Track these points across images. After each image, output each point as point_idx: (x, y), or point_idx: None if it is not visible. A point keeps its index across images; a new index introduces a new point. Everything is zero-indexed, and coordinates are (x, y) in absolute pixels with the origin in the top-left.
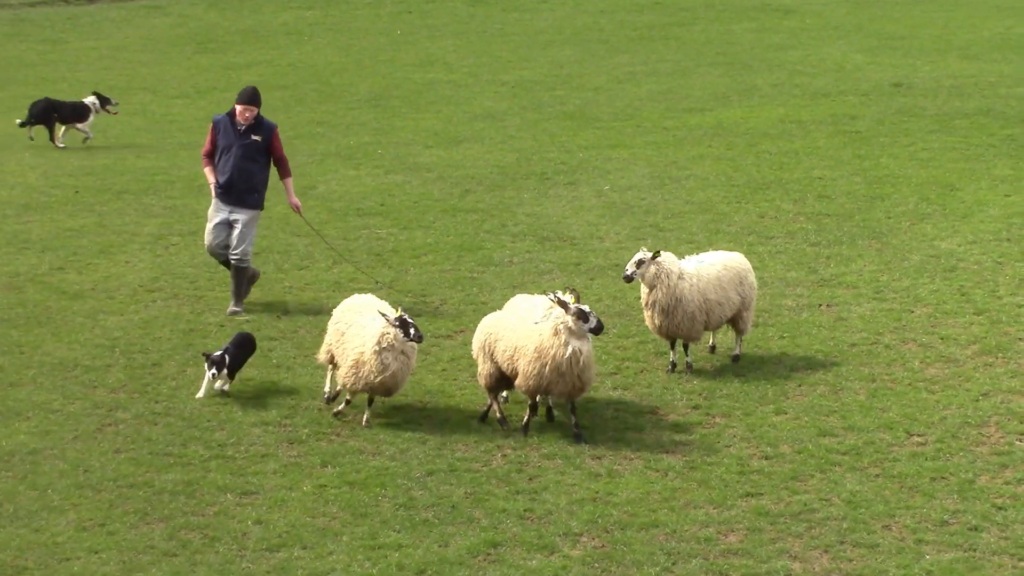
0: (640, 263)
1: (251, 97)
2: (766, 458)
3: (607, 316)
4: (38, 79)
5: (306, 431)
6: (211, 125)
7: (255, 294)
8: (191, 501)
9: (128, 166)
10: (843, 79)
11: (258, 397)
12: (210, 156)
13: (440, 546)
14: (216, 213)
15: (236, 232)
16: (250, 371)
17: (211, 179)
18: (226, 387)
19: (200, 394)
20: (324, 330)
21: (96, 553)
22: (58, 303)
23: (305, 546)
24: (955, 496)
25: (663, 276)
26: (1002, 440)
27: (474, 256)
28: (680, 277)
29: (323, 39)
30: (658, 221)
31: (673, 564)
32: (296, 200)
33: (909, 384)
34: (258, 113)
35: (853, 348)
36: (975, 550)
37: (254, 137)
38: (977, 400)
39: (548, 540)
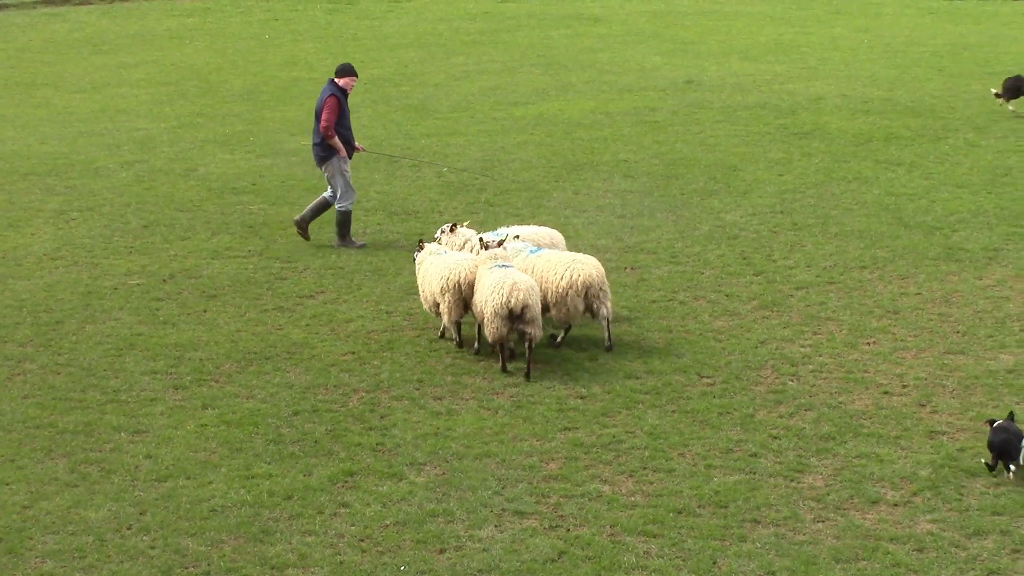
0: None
1: (347, 68)
2: (581, 398)
3: None
4: None
5: (189, 378)
6: (335, 102)
7: (143, 261)
8: (90, 439)
9: (33, 151)
10: (644, 77)
11: (147, 349)
12: (333, 128)
13: (305, 475)
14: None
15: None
16: (141, 327)
17: (340, 146)
18: None
19: None
20: (206, 292)
21: (7, 485)
22: None
23: (189, 476)
24: (738, 428)
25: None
26: (777, 381)
27: (332, 228)
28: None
29: (202, 42)
30: (489, 198)
31: (503, 488)
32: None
33: (700, 334)
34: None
35: (653, 304)
36: (755, 473)
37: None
38: (756, 347)
39: (397, 469)
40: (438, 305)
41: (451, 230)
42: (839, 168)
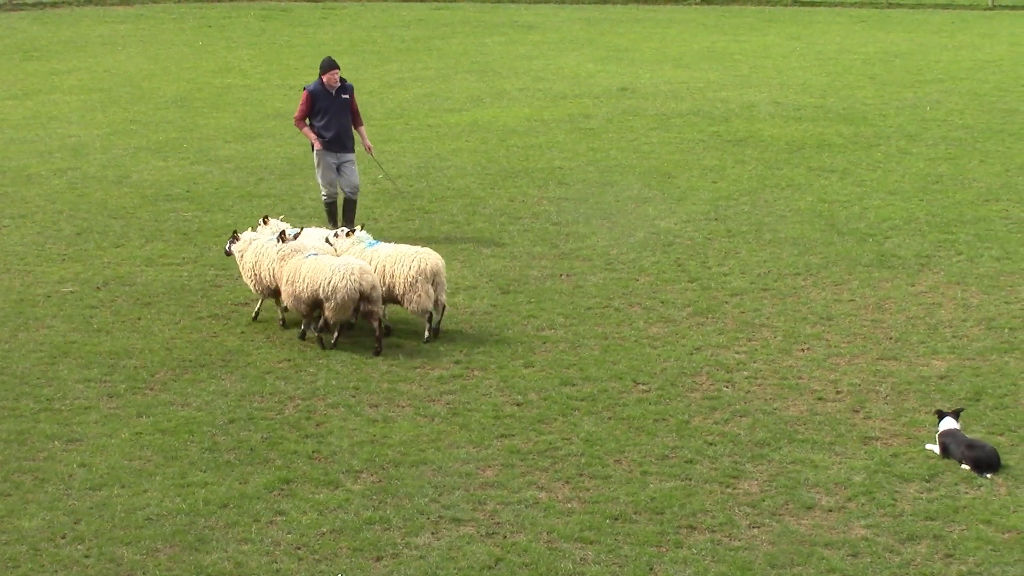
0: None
1: (335, 63)
2: (517, 404)
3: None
4: None
5: (123, 386)
6: (306, 95)
7: (76, 268)
8: (23, 448)
9: None
10: (578, 84)
11: (81, 357)
12: (302, 120)
13: (240, 483)
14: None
15: (348, 172)
16: (74, 335)
17: (312, 137)
18: None
19: None
20: (140, 300)
21: None
22: None
23: (124, 485)
24: (674, 434)
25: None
26: (712, 387)
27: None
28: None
29: (134, 49)
30: (424, 204)
31: (439, 495)
32: (368, 143)
33: (635, 341)
34: (340, 76)
35: (589, 311)
36: (691, 479)
37: (343, 96)
38: (691, 354)
39: (333, 476)
40: (271, 288)
41: (264, 222)
42: (772, 175)
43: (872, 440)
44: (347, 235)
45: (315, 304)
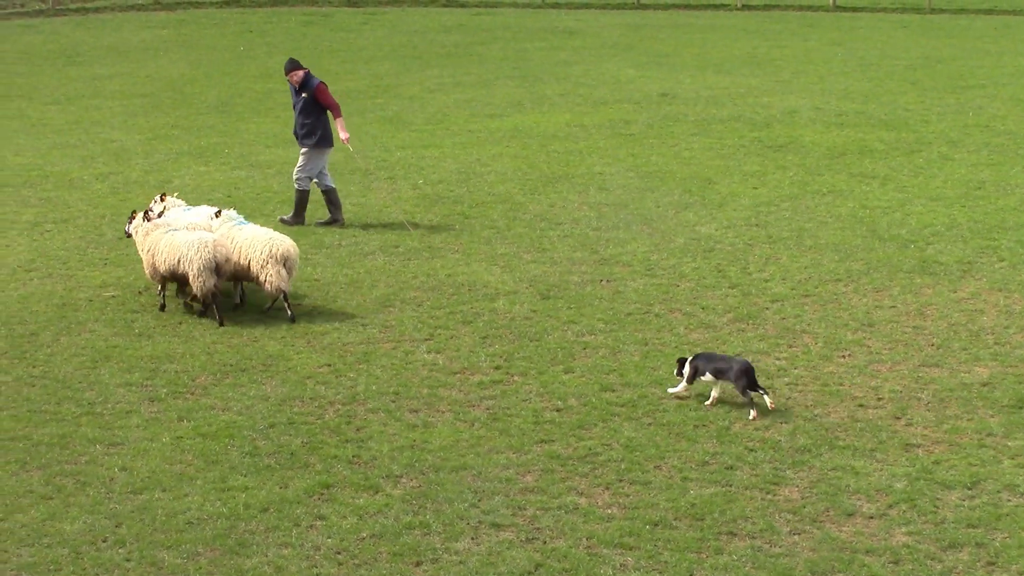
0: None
1: (286, 66)
2: (557, 410)
3: (421, 291)
4: None
5: (165, 391)
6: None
7: (118, 272)
8: (65, 452)
9: (7, 163)
10: (619, 90)
11: (122, 361)
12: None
13: (281, 487)
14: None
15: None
16: (116, 339)
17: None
18: None
19: None
20: (181, 304)
21: None
22: None
23: (164, 489)
24: (714, 440)
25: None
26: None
27: (308, 240)
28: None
29: (176, 54)
30: (464, 210)
31: (479, 500)
32: (345, 134)
33: (675, 347)
34: (304, 75)
35: (629, 317)
36: (731, 485)
37: (303, 94)
38: None
39: (373, 481)
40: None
41: (161, 199)
42: (813, 181)
43: (914, 447)
44: (216, 215)
45: (175, 278)
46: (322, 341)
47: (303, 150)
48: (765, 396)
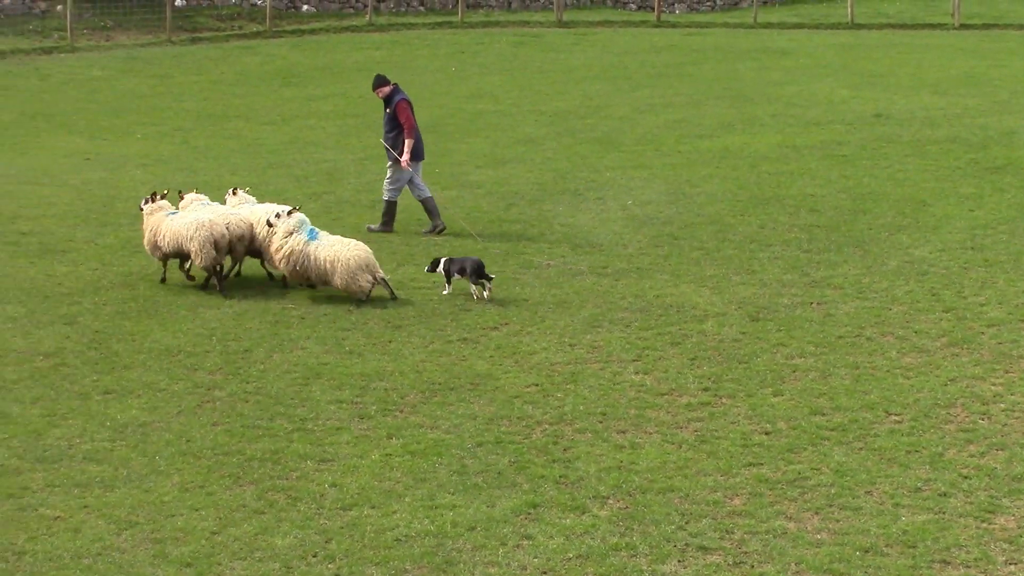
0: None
1: (374, 82)
2: (766, 433)
3: (630, 312)
4: (149, 108)
5: (374, 408)
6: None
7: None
8: (277, 467)
9: (225, 182)
10: (831, 110)
11: (333, 378)
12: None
13: (488, 506)
14: None
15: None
16: (327, 356)
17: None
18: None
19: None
20: (391, 323)
21: (196, 511)
22: (165, 297)
23: (374, 506)
24: (927, 467)
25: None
26: (967, 419)
27: (517, 260)
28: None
29: (390, 75)
30: (673, 231)
31: (686, 523)
32: (406, 156)
33: (887, 371)
34: (390, 90)
35: (840, 340)
36: (944, 513)
37: (387, 109)
38: (946, 385)
39: (580, 502)
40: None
41: (233, 193)
42: None
43: None
44: (233, 193)
45: (178, 255)
46: (530, 361)
47: (389, 163)
48: (487, 286)
